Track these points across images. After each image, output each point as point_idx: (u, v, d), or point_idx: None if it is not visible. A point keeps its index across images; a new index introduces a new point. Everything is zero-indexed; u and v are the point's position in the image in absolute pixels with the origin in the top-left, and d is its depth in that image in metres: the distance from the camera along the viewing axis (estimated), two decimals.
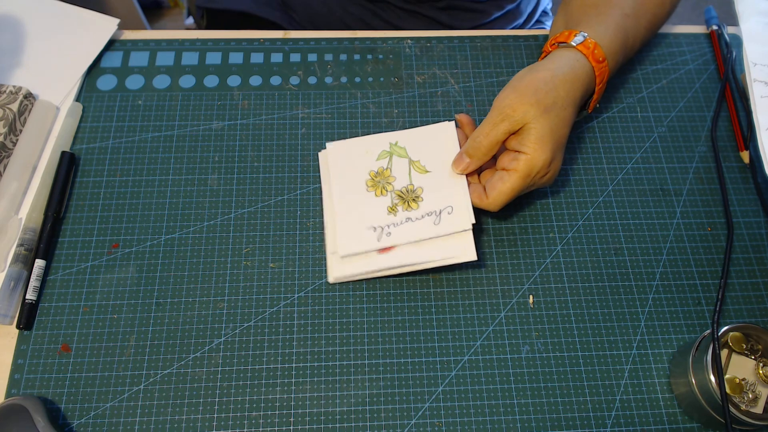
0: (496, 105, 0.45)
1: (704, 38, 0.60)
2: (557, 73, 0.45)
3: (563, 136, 0.45)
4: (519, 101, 0.44)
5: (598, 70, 0.47)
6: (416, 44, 0.58)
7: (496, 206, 0.45)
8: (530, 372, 0.44)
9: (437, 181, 0.47)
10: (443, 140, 0.49)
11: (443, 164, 0.48)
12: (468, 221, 0.45)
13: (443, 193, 0.47)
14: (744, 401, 0.40)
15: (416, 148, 0.49)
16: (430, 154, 0.49)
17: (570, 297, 0.47)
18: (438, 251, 0.45)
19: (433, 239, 0.45)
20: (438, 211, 0.46)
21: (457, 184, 0.47)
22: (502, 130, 0.44)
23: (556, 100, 0.44)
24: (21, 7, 0.57)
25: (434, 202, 0.47)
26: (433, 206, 0.46)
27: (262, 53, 0.56)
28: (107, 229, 0.48)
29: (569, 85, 0.46)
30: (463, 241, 0.45)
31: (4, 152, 0.49)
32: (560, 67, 0.46)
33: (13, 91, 0.50)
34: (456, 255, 0.45)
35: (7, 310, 0.44)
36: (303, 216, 0.49)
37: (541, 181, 0.46)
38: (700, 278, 0.48)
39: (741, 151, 0.53)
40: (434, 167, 0.48)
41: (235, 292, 0.46)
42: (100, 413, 0.41)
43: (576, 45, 0.47)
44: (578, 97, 0.47)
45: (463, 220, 0.45)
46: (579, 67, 0.47)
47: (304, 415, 0.42)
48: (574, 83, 0.46)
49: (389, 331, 0.45)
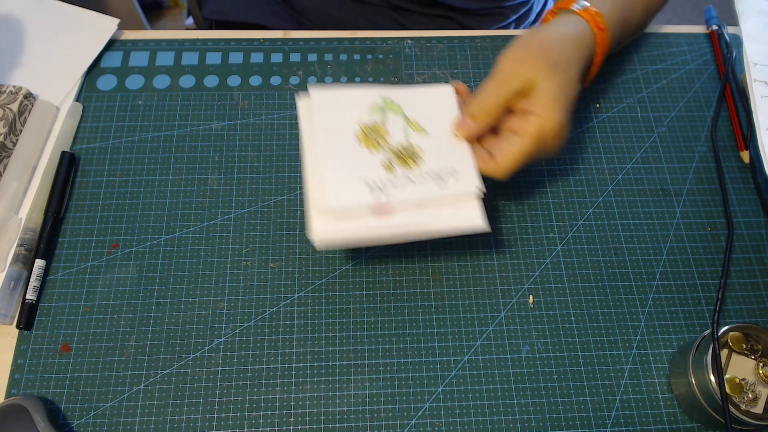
0: (503, 63, 0.42)
1: (704, 38, 0.60)
2: (563, 33, 0.44)
3: (573, 96, 0.43)
4: (529, 57, 0.41)
5: (600, 38, 0.47)
6: (416, 44, 0.58)
7: (506, 172, 0.42)
8: (530, 372, 0.44)
9: (437, 144, 0.43)
10: (440, 104, 0.45)
11: (442, 129, 0.44)
12: (474, 184, 0.41)
13: (445, 155, 0.42)
14: (744, 401, 0.40)
15: (412, 108, 0.44)
16: (428, 116, 0.44)
17: (570, 297, 0.47)
18: (444, 219, 0.40)
19: (438, 205, 0.41)
20: (441, 173, 0.41)
21: (460, 149, 0.43)
22: (511, 89, 0.41)
23: (565, 58, 0.42)
24: (21, 7, 0.57)
25: (436, 163, 0.42)
26: (435, 167, 0.42)
27: (262, 53, 0.56)
28: (107, 229, 0.48)
29: (576, 44, 0.44)
30: (469, 207, 0.41)
31: (4, 152, 0.49)
32: (566, 28, 0.45)
33: (13, 91, 0.50)
34: (464, 224, 0.40)
35: (7, 310, 0.44)
36: (303, 216, 0.49)
37: (552, 145, 0.42)
38: (700, 278, 0.48)
39: (741, 151, 0.53)
40: (433, 130, 0.44)
41: (235, 292, 0.46)
42: (100, 413, 0.41)
43: (578, 11, 0.47)
44: (584, 59, 0.45)
45: (470, 184, 0.41)
46: (582, 30, 0.46)
47: (304, 415, 0.42)
48: (581, 44, 0.45)
49: (389, 331, 0.45)
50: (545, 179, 0.51)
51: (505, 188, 0.51)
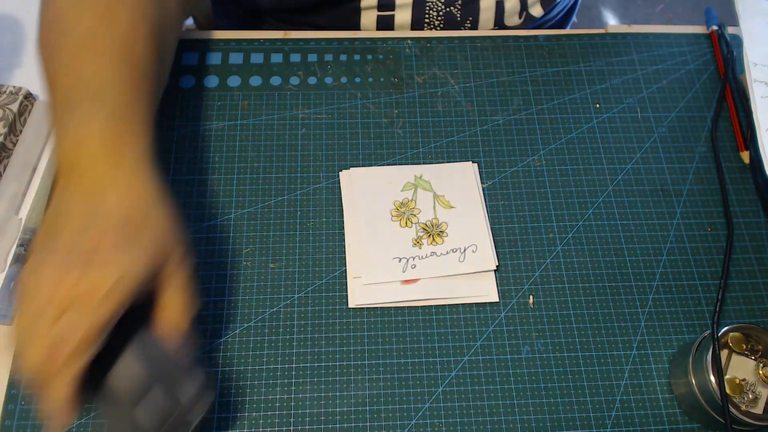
0: None
1: (704, 38, 0.60)
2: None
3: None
4: None
5: None
6: (416, 44, 0.58)
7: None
8: (530, 372, 0.44)
9: (461, 218, 0.49)
10: (464, 179, 0.50)
11: (465, 202, 0.49)
12: (492, 262, 0.47)
13: (467, 230, 0.48)
14: (744, 402, 0.40)
15: (439, 183, 0.50)
16: (453, 190, 0.50)
17: (570, 297, 0.47)
18: (461, 289, 0.46)
19: (457, 276, 0.46)
20: (463, 248, 0.47)
21: (480, 223, 0.48)
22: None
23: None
24: (21, 7, 0.57)
25: (459, 238, 0.48)
26: (458, 243, 0.47)
27: (262, 53, 0.56)
28: None
29: None
30: (486, 282, 0.46)
31: (4, 152, 0.49)
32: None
33: (13, 91, 0.50)
34: (479, 295, 0.46)
35: (7, 310, 0.44)
36: (303, 216, 0.49)
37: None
38: (700, 278, 0.48)
39: (741, 151, 0.53)
40: (457, 203, 0.49)
41: (235, 292, 0.46)
42: (101, 413, 0.41)
43: None
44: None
45: (488, 261, 0.47)
46: None
47: (304, 416, 0.42)
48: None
49: (389, 331, 0.45)
50: (545, 179, 0.51)
51: (505, 188, 0.51)
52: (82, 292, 0.31)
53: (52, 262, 0.32)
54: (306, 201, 0.50)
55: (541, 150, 0.53)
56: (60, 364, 0.30)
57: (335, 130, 0.53)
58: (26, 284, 0.33)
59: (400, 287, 0.46)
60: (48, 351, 0.30)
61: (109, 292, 0.31)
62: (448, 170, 0.51)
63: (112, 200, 0.35)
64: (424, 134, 0.53)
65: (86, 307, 0.31)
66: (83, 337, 0.30)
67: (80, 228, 0.34)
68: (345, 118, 0.53)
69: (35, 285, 0.32)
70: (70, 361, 0.30)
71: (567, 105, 0.55)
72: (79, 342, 0.30)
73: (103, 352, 0.32)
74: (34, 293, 0.32)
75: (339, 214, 0.49)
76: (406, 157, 0.52)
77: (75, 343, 0.30)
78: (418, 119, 0.54)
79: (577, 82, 0.57)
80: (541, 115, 0.55)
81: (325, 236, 0.48)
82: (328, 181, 0.51)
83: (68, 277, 0.31)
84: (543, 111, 0.55)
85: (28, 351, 0.31)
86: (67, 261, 0.32)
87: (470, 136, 0.53)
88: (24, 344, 0.31)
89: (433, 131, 0.53)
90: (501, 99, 0.55)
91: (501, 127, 0.54)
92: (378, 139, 0.53)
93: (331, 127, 0.53)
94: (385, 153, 0.52)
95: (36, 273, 0.32)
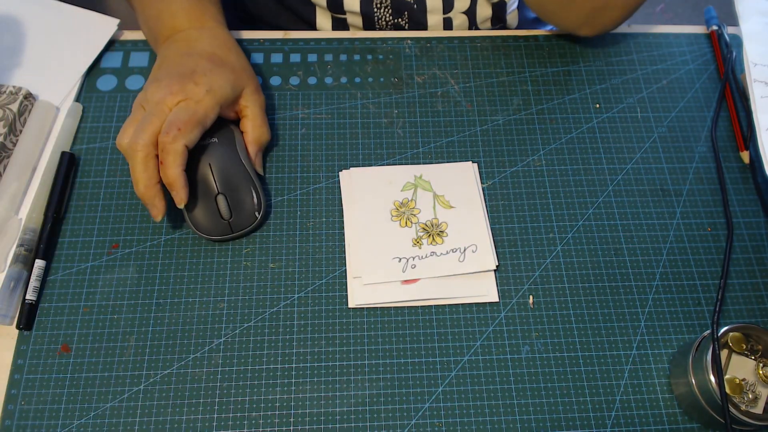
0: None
1: (704, 38, 0.60)
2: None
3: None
4: None
5: None
6: (416, 44, 0.58)
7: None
8: (530, 372, 0.44)
9: (461, 218, 0.49)
10: (464, 179, 0.50)
11: (465, 202, 0.49)
12: (492, 262, 0.47)
13: (467, 230, 0.48)
14: (744, 401, 0.40)
15: (439, 183, 0.50)
16: (453, 190, 0.50)
17: (570, 297, 0.47)
18: (461, 289, 0.46)
19: (457, 276, 0.46)
20: (463, 248, 0.47)
21: (480, 223, 0.48)
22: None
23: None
24: (21, 7, 0.57)
25: (459, 238, 0.48)
26: (457, 243, 0.47)
27: (262, 53, 0.56)
28: (107, 229, 0.48)
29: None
30: (486, 282, 0.46)
31: (4, 152, 0.49)
32: None
33: (13, 91, 0.50)
34: (479, 295, 0.46)
35: (7, 310, 0.44)
36: (303, 216, 0.49)
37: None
38: (700, 278, 0.48)
39: (741, 151, 0.53)
40: (457, 203, 0.49)
41: (235, 292, 0.46)
42: (100, 413, 0.41)
43: None
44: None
45: (487, 261, 0.47)
46: None
47: (304, 416, 0.42)
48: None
49: (389, 331, 0.45)
50: (545, 179, 0.51)
51: (505, 188, 0.51)
52: (184, 98, 0.44)
53: (158, 82, 0.45)
54: (306, 201, 0.50)
55: (541, 150, 0.53)
56: (172, 137, 0.42)
57: (335, 130, 0.53)
58: (138, 99, 0.45)
59: (399, 287, 0.46)
60: (164, 128, 0.42)
61: (203, 98, 0.44)
62: (448, 170, 0.51)
63: (203, 43, 0.48)
64: (424, 134, 0.53)
65: (188, 106, 0.43)
66: (188, 121, 0.42)
67: (179, 60, 0.46)
68: (345, 118, 0.53)
69: (146, 98, 0.44)
70: (180, 136, 0.42)
71: (567, 105, 0.55)
72: (185, 124, 0.42)
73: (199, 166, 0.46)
74: (147, 102, 0.44)
75: (339, 214, 0.49)
76: (406, 157, 0.52)
77: (181, 125, 0.42)
78: (418, 119, 0.54)
79: (577, 82, 0.57)
80: (541, 115, 0.55)
81: (325, 236, 0.48)
82: (328, 181, 0.51)
83: (173, 89, 0.44)
84: (543, 111, 0.55)
85: (146, 128, 0.42)
86: (171, 80, 0.44)
87: (470, 136, 0.53)
88: (142, 127, 0.43)
89: (433, 131, 0.53)
90: (501, 99, 0.55)
91: (501, 127, 0.54)
92: (378, 139, 0.53)
93: (331, 127, 0.53)
94: (385, 153, 0.52)
95: (146, 91, 0.45)
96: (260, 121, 0.49)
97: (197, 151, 0.47)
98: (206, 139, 0.47)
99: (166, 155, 0.42)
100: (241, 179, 0.47)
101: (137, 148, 0.42)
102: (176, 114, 0.43)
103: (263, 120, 0.49)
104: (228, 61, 0.48)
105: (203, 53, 0.47)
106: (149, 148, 0.42)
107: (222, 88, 0.46)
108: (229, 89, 0.46)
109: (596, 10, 0.52)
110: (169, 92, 0.44)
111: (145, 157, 0.42)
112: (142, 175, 0.42)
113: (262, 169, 0.49)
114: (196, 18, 0.50)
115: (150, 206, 0.43)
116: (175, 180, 0.43)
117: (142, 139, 0.42)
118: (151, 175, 0.43)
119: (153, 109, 0.43)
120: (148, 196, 0.43)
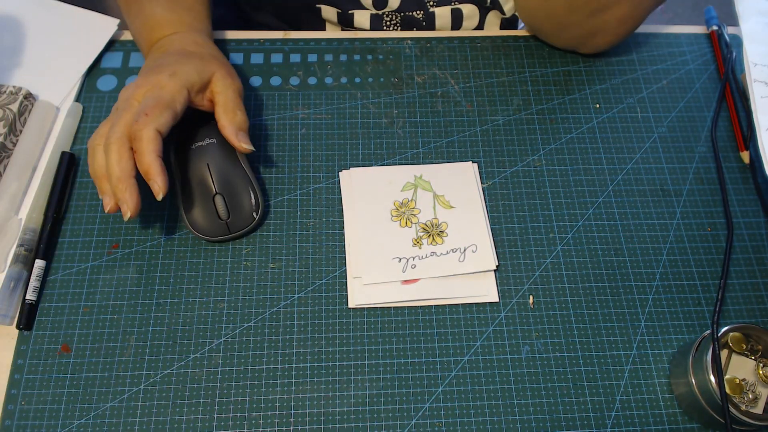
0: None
1: (704, 38, 0.60)
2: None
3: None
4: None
5: None
6: (416, 44, 0.58)
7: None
8: (530, 372, 0.44)
9: (461, 218, 0.49)
10: (464, 179, 0.50)
11: (465, 202, 0.49)
12: (492, 262, 0.47)
13: (467, 230, 0.48)
14: (744, 401, 0.40)
15: (440, 183, 0.50)
16: (453, 190, 0.50)
17: (570, 297, 0.47)
18: (461, 289, 0.46)
19: (457, 276, 0.46)
20: (463, 248, 0.47)
21: (480, 223, 0.48)
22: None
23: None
24: (21, 7, 0.57)
25: (459, 238, 0.48)
26: (457, 243, 0.47)
27: (262, 53, 0.56)
28: (107, 229, 0.48)
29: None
30: (486, 282, 0.46)
31: (4, 152, 0.49)
32: None
33: (13, 91, 0.50)
34: (479, 295, 0.46)
35: (7, 310, 0.44)
36: (303, 216, 0.49)
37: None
38: (700, 278, 0.48)
39: (741, 151, 0.53)
40: (457, 204, 0.49)
41: (235, 292, 0.46)
42: (100, 413, 0.41)
43: None
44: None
45: (487, 261, 0.47)
46: None
47: (304, 416, 0.42)
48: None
49: (389, 331, 0.45)
50: (545, 179, 0.51)
51: (505, 188, 0.51)
52: (150, 87, 0.44)
53: (133, 84, 0.45)
54: (306, 201, 0.50)
55: (541, 150, 0.53)
56: (141, 123, 0.42)
57: (335, 130, 0.53)
58: (117, 101, 0.46)
59: (400, 287, 0.46)
60: (135, 117, 0.42)
61: (167, 82, 0.44)
62: (448, 170, 0.51)
63: (174, 45, 0.49)
64: (424, 134, 0.53)
65: (152, 92, 0.44)
66: (154, 105, 0.42)
67: (150, 64, 0.48)
68: (345, 118, 0.53)
69: (118, 99, 0.45)
70: (151, 120, 0.42)
71: (567, 105, 0.55)
72: (152, 109, 0.42)
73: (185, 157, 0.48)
74: (118, 102, 0.45)
75: (339, 214, 0.49)
76: (406, 157, 0.52)
77: (148, 110, 0.42)
78: (418, 119, 0.54)
79: (577, 82, 0.57)
80: (541, 115, 0.55)
81: (325, 236, 0.48)
82: (328, 181, 0.51)
83: (139, 83, 0.45)
84: (543, 111, 0.55)
85: (117, 122, 0.43)
86: (139, 78, 0.46)
87: (470, 136, 0.53)
88: (114, 122, 0.43)
89: (433, 131, 0.53)
90: (501, 99, 0.55)
91: (501, 127, 0.54)
92: (378, 139, 0.53)
93: (331, 127, 0.53)
94: (385, 153, 0.52)
95: (122, 93, 0.46)
96: (232, 105, 0.47)
97: (196, 152, 0.47)
98: (204, 140, 0.47)
99: (138, 143, 0.41)
100: (239, 180, 0.47)
101: (111, 141, 0.42)
102: (143, 102, 0.43)
103: (235, 104, 0.47)
104: (195, 52, 0.48)
105: (172, 52, 0.48)
106: (122, 140, 0.42)
107: (185, 72, 0.45)
108: (193, 72, 0.46)
109: (588, 36, 0.54)
110: (135, 87, 0.44)
111: (119, 149, 0.41)
112: (115, 168, 0.41)
113: (250, 149, 0.46)
114: (171, 28, 0.51)
115: (120, 202, 0.41)
116: (149, 166, 0.41)
117: (114, 132, 0.42)
118: (124, 167, 0.41)
119: (123, 104, 0.44)
120: (119, 190, 0.41)
